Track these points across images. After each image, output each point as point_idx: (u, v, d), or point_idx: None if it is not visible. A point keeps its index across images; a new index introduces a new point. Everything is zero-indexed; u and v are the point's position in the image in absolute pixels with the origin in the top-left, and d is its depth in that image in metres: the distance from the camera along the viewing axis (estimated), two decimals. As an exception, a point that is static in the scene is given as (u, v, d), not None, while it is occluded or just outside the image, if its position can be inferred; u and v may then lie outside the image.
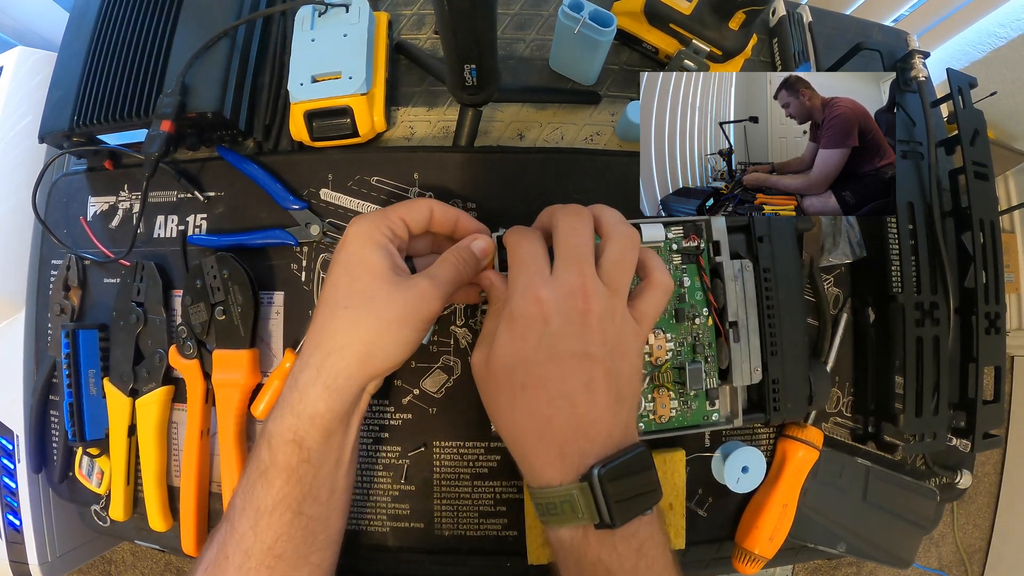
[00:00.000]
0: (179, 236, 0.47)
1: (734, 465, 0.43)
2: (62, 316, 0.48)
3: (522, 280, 0.30)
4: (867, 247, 0.46)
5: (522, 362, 0.29)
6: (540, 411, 0.29)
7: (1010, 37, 0.99)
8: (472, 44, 0.36)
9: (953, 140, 0.47)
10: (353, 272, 0.32)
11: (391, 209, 0.34)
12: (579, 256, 0.30)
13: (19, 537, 0.53)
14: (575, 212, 0.32)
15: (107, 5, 0.47)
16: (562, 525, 0.29)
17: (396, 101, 0.50)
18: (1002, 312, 0.45)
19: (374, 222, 0.33)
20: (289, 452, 0.30)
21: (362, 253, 0.32)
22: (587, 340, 0.29)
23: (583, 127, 0.50)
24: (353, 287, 0.31)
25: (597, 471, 0.27)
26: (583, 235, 0.31)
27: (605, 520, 0.27)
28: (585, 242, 0.31)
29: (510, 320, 0.30)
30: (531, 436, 0.30)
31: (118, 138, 0.47)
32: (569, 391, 0.29)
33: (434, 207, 0.35)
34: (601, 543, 0.28)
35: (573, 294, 0.29)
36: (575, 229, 0.31)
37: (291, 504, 0.30)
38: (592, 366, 0.29)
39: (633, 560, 0.28)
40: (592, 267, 0.30)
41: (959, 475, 0.48)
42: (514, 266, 0.32)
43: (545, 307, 0.29)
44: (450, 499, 0.44)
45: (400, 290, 0.31)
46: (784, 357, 0.40)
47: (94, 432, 0.45)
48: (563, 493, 0.28)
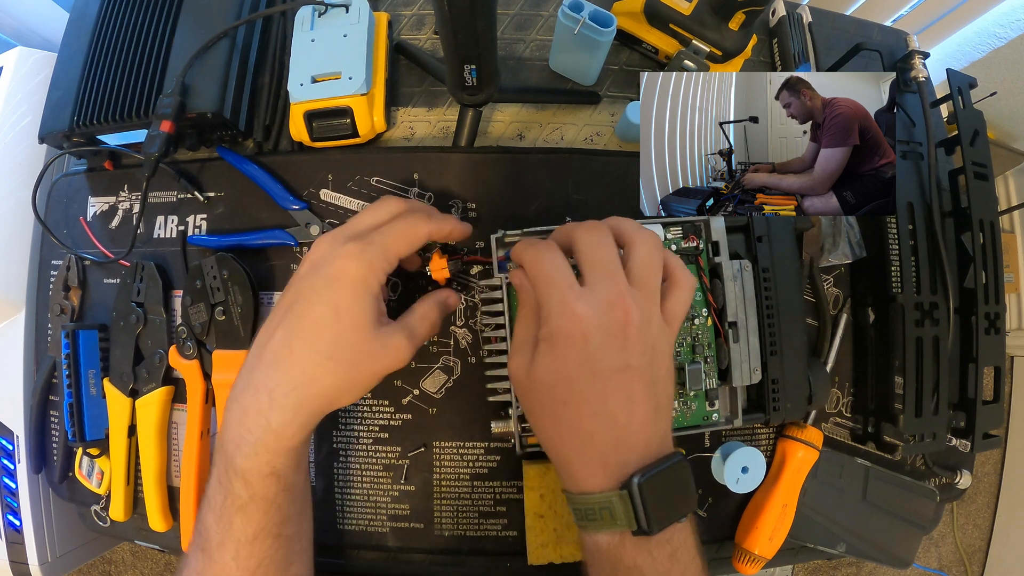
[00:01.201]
0: (179, 236, 0.47)
1: (734, 465, 0.43)
2: (62, 316, 0.48)
3: (555, 297, 0.29)
4: (867, 247, 0.46)
5: (564, 380, 0.29)
6: (582, 425, 0.29)
7: (1010, 37, 0.99)
8: (472, 44, 0.36)
9: (953, 140, 0.47)
10: (343, 321, 0.30)
11: (390, 244, 0.32)
12: (610, 267, 0.30)
13: (19, 537, 0.53)
14: (594, 226, 0.32)
15: (107, 5, 0.47)
16: (599, 531, 0.29)
17: (396, 101, 0.50)
18: (1002, 312, 0.45)
19: (372, 267, 0.31)
20: (268, 485, 0.31)
21: (356, 305, 0.31)
22: (628, 352, 0.29)
23: (583, 127, 0.50)
24: (341, 339, 0.30)
25: (637, 480, 0.27)
26: (609, 246, 0.31)
27: (643, 527, 0.28)
28: (613, 253, 0.31)
29: (550, 340, 0.29)
30: (572, 447, 0.30)
31: (118, 138, 0.47)
32: (611, 406, 0.29)
33: (431, 231, 0.35)
34: (637, 549, 0.28)
35: (612, 306, 0.29)
36: (600, 242, 0.31)
37: (271, 530, 0.31)
38: (633, 379, 0.29)
39: (667, 565, 0.28)
40: (623, 276, 0.30)
41: (959, 475, 0.48)
42: (541, 283, 0.31)
43: (584, 324, 0.28)
44: (450, 499, 0.44)
45: (383, 346, 0.31)
46: (783, 357, 0.40)
47: (94, 432, 0.45)
48: (602, 500, 0.28)
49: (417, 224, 0.34)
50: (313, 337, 0.30)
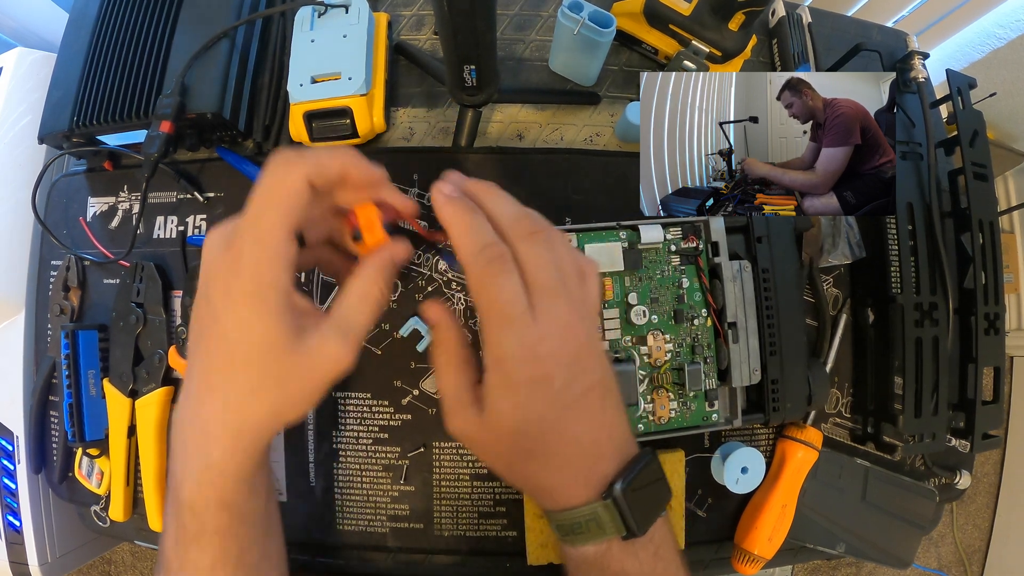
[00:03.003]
0: (179, 237, 0.47)
1: (733, 466, 0.43)
2: (62, 317, 0.48)
3: (512, 338, 0.26)
4: (866, 247, 0.46)
5: (534, 422, 0.27)
6: (559, 452, 0.28)
7: (1009, 38, 0.99)
8: (472, 45, 0.36)
9: (952, 141, 0.47)
10: (252, 344, 0.25)
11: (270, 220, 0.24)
12: (559, 285, 0.27)
13: (19, 538, 0.53)
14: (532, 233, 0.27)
15: (107, 5, 0.47)
16: (587, 543, 0.28)
17: (396, 101, 0.50)
18: (1001, 312, 0.45)
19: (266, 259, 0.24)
20: (220, 517, 0.27)
21: (261, 322, 0.24)
22: (589, 372, 0.28)
23: (583, 128, 0.50)
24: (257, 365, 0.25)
25: (620, 487, 0.27)
26: (556, 258, 0.28)
27: (632, 531, 0.27)
28: (558, 266, 0.28)
29: (509, 388, 0.27)
30: (549, 476, 0.29)
31: (118, 139, 0.47)
32: (585, 429, 0.28)
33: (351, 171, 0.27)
34: (624, 554, 0.28)
35: (567, 331, 0.27)
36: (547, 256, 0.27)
37: (230, 560, 0.28)
38: (597, 394, 0.28)
39: (651, 564, 0.28)
40: (568, 290, 0.28)
41: (958, 475, 0.48)
42: (493, 318, 0.26)
43: (548, 364, 0.26)
44: (450, 499, 0.44)
45: (309, 359, 0.25)
46: (783, 358, 0.40)
47: (94, 433, 0.45)
48: (588, 513, 0.28)
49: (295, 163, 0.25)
50: (227, 369, 0.25)
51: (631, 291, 0.39)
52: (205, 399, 0.26)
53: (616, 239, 0.39)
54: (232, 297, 0.25)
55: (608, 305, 0.38)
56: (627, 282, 0.39)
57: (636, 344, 0.39)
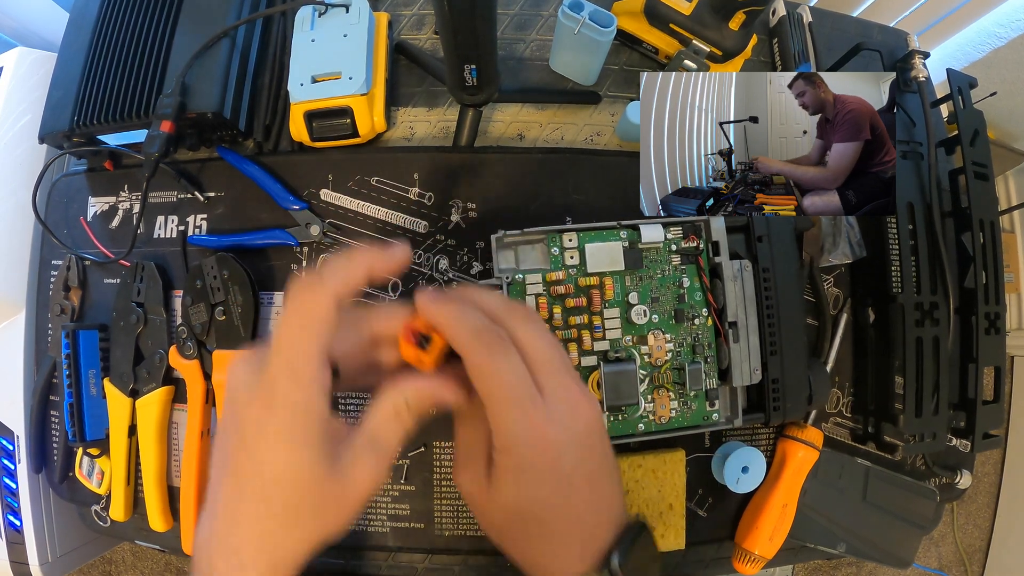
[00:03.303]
0: (179, 236, 0.47)
1: (734, 465, 0.43)
2: (62, 316, 0.48)
3: (520, 423, 0.25)
4: (867, 247, 0.46)
5: (538, 503, 0.27)
6: (559, 531, 0.28)
7: (1010, 37, 0.99)
8: (472, 44, 0.36)
9: (953, 140, 0.47)
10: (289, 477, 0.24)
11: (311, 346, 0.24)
12: (563, 366, 0.27)
13: (19, 537, 0.53)
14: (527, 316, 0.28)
15: (107, 5, 0.47)
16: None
17: (396, 101, 0.50)
18: (1002, 312, 0.45)
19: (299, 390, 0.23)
20: None
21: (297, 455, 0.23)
22: (597, 450, 0.28)
23: (583, 127, 0.50)
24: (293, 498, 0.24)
25: (617, 560, 0.27)
26: (554, 340, 0.28)
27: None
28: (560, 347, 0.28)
29: (516, 470, 0.26)
30: (548, 555, 0.29)
31: (118, 138, 0.47)
32: (588, 508, 0.28)
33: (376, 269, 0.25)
34: None
35: (575, 412, 0.27)
36: (547, 337, 0.28)
37: None
38: (599, 472, 0.28)
39: None
40: (570, 367, 0.28)
41: (959, 475, 0.48)
42: (498, 401, 0.25)
43: (557, 448, 0.26)
44: (450, 499, 0.44)
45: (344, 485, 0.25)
46: (784, 357, 0.40)
47: (94, 432, 0.45)
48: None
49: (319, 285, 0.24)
50: (262, 504, 0.24)
51: (632, 291, 0.39)
52: (236, 526, 0.25)
53: (617, 239, 0.38)
54: (266, 433, 0.24)
55: (609, 304, 0.38)
56: (628, 281, 0.39)
57: (637, 343, 0.39)
